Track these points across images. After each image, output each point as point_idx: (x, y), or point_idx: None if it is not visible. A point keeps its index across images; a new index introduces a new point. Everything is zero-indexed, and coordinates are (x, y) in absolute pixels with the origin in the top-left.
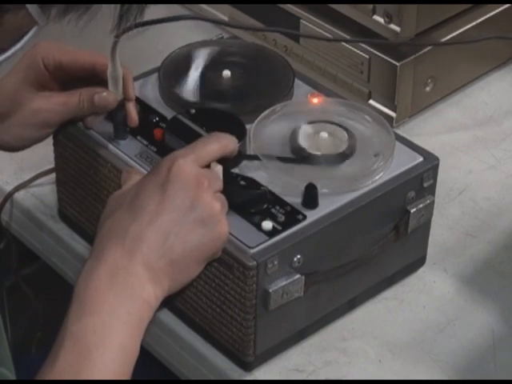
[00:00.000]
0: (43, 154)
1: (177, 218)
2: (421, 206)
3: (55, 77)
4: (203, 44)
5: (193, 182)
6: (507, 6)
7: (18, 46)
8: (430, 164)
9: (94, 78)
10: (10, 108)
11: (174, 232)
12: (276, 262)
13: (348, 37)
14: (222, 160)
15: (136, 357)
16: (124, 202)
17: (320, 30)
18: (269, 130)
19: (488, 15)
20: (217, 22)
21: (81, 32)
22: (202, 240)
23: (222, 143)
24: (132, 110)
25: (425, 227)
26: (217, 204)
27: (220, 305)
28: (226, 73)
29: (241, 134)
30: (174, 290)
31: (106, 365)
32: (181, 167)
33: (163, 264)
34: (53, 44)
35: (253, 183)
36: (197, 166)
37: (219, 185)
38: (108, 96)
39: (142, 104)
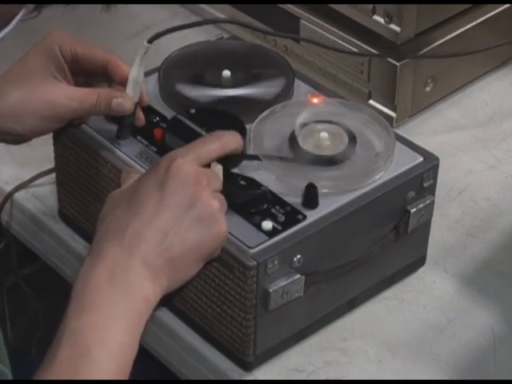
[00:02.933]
0: (43, 154)
1: (175, 216)
2: (421, 205)
3: (70, 67)
4: (203, 44)
5: (191, 181)
6: (507, 5)
7: (8, 29)
8: (430, 164)
9: (103, 75)
10: (26, 95)
11: (173, 230)
12: (276, 262)
13: (348, 37)
14: (222, 159)
15: (135, 354)
16: (123, 200)
17: (320, 30)
18: (269, 129)
19: (488, 15)
20: (253, 28)
21: (80, 32)
22: (201, 238)
23: (223, 142)
24: (139, 110)
25: (425, 227)
26: (215, 203)
27: (220, 305)
28: (226, 73)
29: (241, 134)
30: (172, 288)
31: (105, 362)
32: (179, 166)
33: (162, 262)
34: (68, 34)
35: (253, 183)
36: (196, 164)
37: (218, 184)
38: (126, 102)
39: None
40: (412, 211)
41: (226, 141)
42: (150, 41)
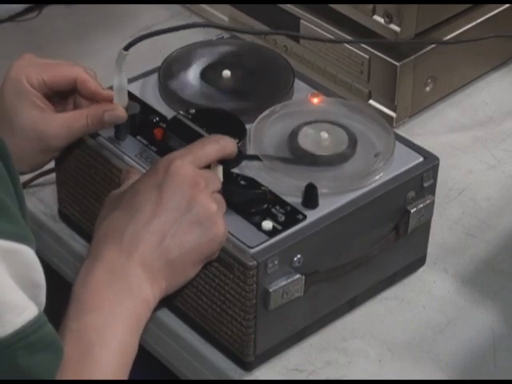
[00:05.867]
0: None
1: (173, 218)
2: (421, 205)
3: (42, 93)
4: (203, 44)
5: (189, 183)
6: (507, 5)
7: None
8: (430, 164)
9: (75, 90)
10: (18, 138)
11: (171, 233)
12: (276, 262)
13: (348, 37)
14: (221, 160)
15: (135, 354)
16: (121, 202)
17: (320, 30)
18: (269, 129)
19: (488, 15)
20: (225, 29)
21: (80, 32)
22: (199, 240)
23: (221, 144)
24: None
25: (425, 227)
26: (213, 205)
27: (220, 304)
28: (226, 73)
29: (241, 134)
30: (171, 290)
31: (108, 361)
32: (178, 168)
33: (160, 264)
34: (30, 61)
35: (253, 183)
36: (194, 166)
37: (217, 185)
38: (118, 112)
39: (142, 104)
40: (412, 211)
41: (225, 144)
42: (127, 48)
